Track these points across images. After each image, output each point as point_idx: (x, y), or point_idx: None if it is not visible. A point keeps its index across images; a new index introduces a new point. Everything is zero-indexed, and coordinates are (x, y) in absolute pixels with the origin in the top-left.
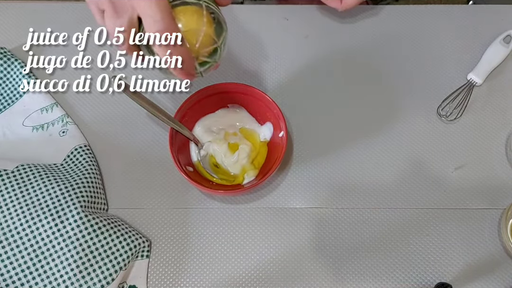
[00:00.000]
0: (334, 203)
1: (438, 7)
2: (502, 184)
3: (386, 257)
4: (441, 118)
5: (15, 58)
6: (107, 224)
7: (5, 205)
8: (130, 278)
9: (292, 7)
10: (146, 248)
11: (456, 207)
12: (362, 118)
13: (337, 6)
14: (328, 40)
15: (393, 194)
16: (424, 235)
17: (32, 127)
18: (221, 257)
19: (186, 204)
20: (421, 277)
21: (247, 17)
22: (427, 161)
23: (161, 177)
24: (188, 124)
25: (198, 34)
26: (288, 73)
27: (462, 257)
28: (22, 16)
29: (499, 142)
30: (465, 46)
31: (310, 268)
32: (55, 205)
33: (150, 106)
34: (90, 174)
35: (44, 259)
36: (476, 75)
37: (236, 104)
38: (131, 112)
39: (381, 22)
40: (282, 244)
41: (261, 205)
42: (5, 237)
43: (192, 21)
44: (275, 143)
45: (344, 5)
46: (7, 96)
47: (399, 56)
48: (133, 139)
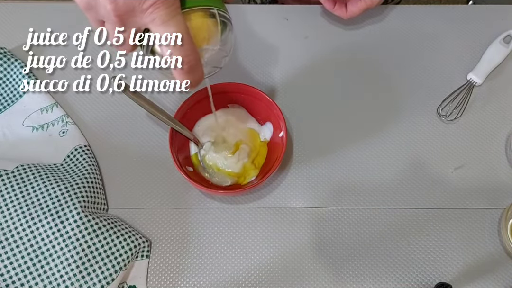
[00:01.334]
0: (334, 203)
1: (438, 7)
2: (502, 184)
3: (386, 257)
4: (441, 118)
5: (15, 58)
6: (107, 224)
7: (5, 205)
8: (130, 278)
9: (292, 7)
10: (146, 248)
11: (456, 207)
12: (362, 118)
13: (342, 14)
14: (328, 40)
15: (393, 194)
16: (424, 235)
17: (32, 127)
18: (221, 257)
19: (186, 204)
20: (421, 277)
21: (247, 17)
22: (427, 161)
23: (161, 177)
24: (188, 124)
25: (207, 39)
26: (288, 73)
27: (462, 257)
28: (22, 16)
29: (499, 142)
30: (465, 46)
31: (310, 268)
32: (55, 205)
33: (150, 106)
34: (90, 174)
35: (44, 259)
36: (476, 75)
37: (236, 104)
38: (131, 112)
39: (381, 22)
40: (282, 244)
41: (261, 205)
42: (5, 237)
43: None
44: (275, 143)
45: (349, 13)
46: (7, 96)
47: (399, 56)
48: (133, 139)
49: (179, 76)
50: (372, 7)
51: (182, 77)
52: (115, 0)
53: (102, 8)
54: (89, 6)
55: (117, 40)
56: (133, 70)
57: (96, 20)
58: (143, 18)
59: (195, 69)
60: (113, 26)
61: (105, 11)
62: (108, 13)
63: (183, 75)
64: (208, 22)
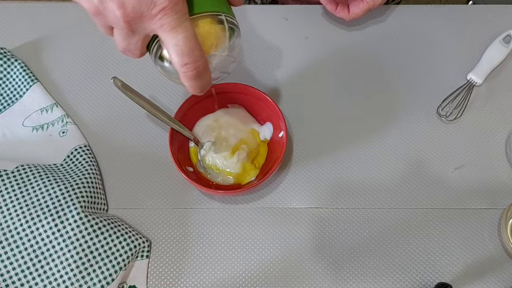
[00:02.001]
0: (334, 203)
1: (438, 7)
2: (502, 184)
3: (386, 257)
4: (441, 118)
5: (15, 58)
6: (107, 224)
7: (5, 205)
8: (130, 278)
9: (292, 7)
10: (146, 248)
11: (456, 207)
12: (362, 118)
13: (345, 16)
14: (328, 40)
15: (393, 194)
16: (424, 235)
17: (32, 127)
18: (221, 257)
19: (186, 204)
20: (421, 277)
21: (247, 17)
22: (427, 161)
23: (161, 177)
24: (188, 124)
25: (215, 45)
26: (288, 73)
27: (462, 257)
28: (22, 16)
29: (499, 142)
30: (465, 46)
31: (310, 268)
32: (55, 205)
33: (150, 106)
34: (90, 174)
35: (44, 259)
36: (476, 75)
37: (236, 104)
38: (131, 112)
39: (381, 22)
40: (282, 244)
41: (261, 205)
42: (5, 237)
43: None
44: (275, 143)
45: (351, 15)
46: (7, 96)
47: (399, 56)
48: (133, 139)
49: (187, 82)
50: (375, 8)
51: (190, 83)
52: (124, 6)
53: (111, 14)
54: (98, 12)
55: (126, 46)
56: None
57: (104, 26)
58: (151, 24)
59: (203, 75)
60: (122, 32)
61: (114, 17)
62: (117, 19)
63: (190, 81)
64: (216, 29)
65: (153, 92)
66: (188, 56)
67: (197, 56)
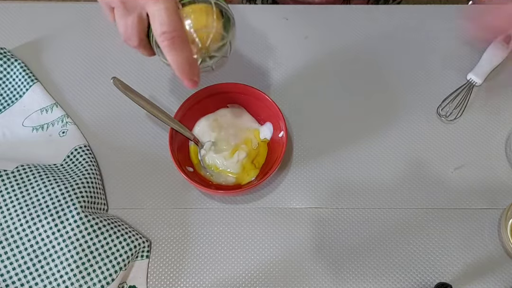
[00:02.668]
0: (334, 203)
1: (438, 7)
2: (502, 184)
3: (386, 257)
4: (441, 118)
5: (15, 58)
6: (107, 225)
7: (5, 205)
8: (130, 278)
9: (292, 7)
10: (146, 248)
11: (456, 207)
12: (362, 118)
13: None
14: (328, 40)
15: (393, 194)
16: (424, 235)
17: (32, 127)
18: (221, 257)
19: (186, 204)
20: (421, 277)
21: (247, 17)
22: (427, 161)
23: (161, 177)
24: (188, 124)
25: (208, 31)
26: (288, 73)
27: (462, 257)
28: (22, 16)
29: (499, 142)
30: (465, 46)
31: (310, 268)
32: (55, 205)
33: (150, 106)
34: (90, 174)
35: (44, 259)
36: (476, 75)
37: (236, 104)
38: (131, 112)
39: (381, 22)
40: (282, 244)
41: (261, 205)
42: (5, 237)
43: (202, 19)
44: (275, 143)
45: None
46: (7, 96)
47: (399, 56)
48: (133, 139)
49: (167, 55)
50: None
51: (169, 56)
52: None
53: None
54: None
55: (125, 30)
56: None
57: (107, 6)
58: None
59: (181, 47)
60: (118, 12)
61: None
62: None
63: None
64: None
65: (153, 92)
66: (167, 25)
67: (175, 26)
